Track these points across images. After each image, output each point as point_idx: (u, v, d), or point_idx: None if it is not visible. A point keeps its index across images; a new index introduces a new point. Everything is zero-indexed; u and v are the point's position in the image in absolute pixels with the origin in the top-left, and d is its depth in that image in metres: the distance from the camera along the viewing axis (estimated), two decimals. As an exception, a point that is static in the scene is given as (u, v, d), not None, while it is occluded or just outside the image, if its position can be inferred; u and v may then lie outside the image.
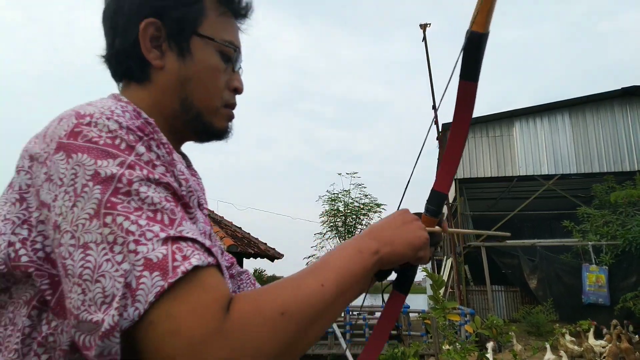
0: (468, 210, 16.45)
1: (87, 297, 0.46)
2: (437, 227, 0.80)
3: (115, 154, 0.52)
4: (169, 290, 0.45)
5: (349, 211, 16.65)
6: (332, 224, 17.00)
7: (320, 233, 18.56)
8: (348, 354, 8.98)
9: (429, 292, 7.24)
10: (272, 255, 12.12)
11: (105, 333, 0.44)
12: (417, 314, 10.82)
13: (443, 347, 4.43)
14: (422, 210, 0.81)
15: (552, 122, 15.25)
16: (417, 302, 24.00)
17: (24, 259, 0.52)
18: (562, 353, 6.75)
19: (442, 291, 2.88)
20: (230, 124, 0.79)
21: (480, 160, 15.55)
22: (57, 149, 0.53)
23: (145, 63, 0.70)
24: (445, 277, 16.90)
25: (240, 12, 0.78)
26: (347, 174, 16.14)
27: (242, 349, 0.45)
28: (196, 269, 0.47)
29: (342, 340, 9.47)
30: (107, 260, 0.46)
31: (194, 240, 0.50)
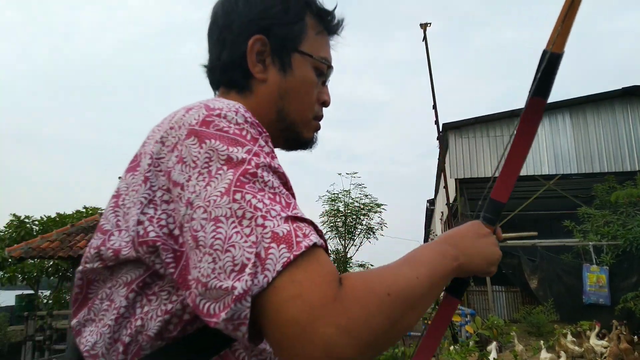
0: (469, 211, 16.41)
1: (217, 266, 0.49)
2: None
3: (243, 142, 0.58)
4: (293, 261, 0.49)
5: (349, 211, 16.62)
6: (332, 224, 16.95)
7: (321, 233, 18.45)
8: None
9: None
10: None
11: (238, 297, 0.47)
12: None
13: (450, 347, 4.41)
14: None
15: (552, 121, 15.20)
16: (417, 302, 23.89)
17: (152, 234, 0.57)
18: (561, 353, 6.74)
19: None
20: (316, 134, 0.86)
21: (480, 160, 15.51)
22: (188, 135, 0.58)
23: (249, 75, 0.78)
24: (445, 277, 16.83)
25: (334, 30, 0.86)
26: (347, 174, 16.08)
27: (355, 319, 0.48)
28: (314, 246, 0.52)
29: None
30: (237, 232, 0.50)
31: (309, 222, 0.56)
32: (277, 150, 0.85)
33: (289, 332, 0.47)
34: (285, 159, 0.77)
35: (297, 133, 0.83)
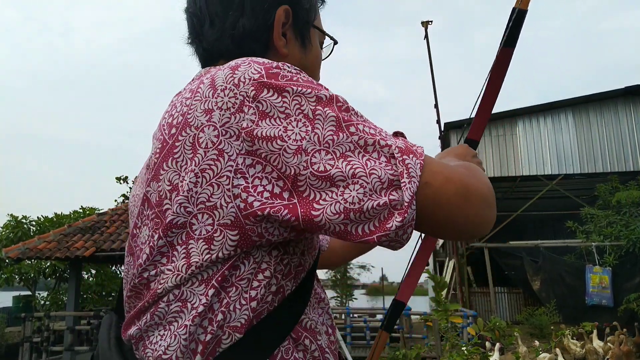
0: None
1: (366, 190, 0.52)
2: None
3: (317, 84, 0.59)
4: (424, 163, 0.56)
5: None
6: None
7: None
8: (348, 356, 8.88)
9: (431, 293, 7.12)
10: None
11: (410, 202, 0.52)
12: (418, 316, 10.71)
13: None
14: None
15: (555, 121, 15.12)
16: (419, 304, 23.90)
17: (256, 204, 0.55)
18: (557, 351, 6.68)
19: (444, 293, 2.77)
20: None
21: (483, 159, 15.03)
22: (259, 89, 0.56)
23: (269, 48, 0.73)
24: (447, 279, 16.79)
25: (324, 1, 0.84)
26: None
27: (478, 191, 0.58)
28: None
29: (342, 343, 9.37)
30: (369, 159, 0.54)
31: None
32: None
33: (453, 206, 0.55)
34: None
35: None
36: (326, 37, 0.84)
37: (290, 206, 0.54)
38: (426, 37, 14.36)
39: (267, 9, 0.72)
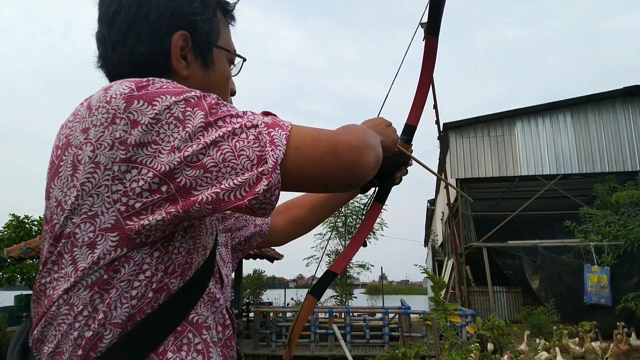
0: (469, 211, 16.37)
1: (238, 169, 0.60)
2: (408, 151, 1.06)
3: (186, 89, 0.64)
4: (290, 133, 0.64)
5: (349, 211, 16.61)
6: (332, 224, 16.94)
7: (320, 234, 18.49)
8: (348, 354, 8.93)
9: (430, 293, 7.17)
10: (272, 256, 12.07)
11: (274, 167, 0.60)
12: (418, 315, 10.76)
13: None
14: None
15: (553, 121, 15.17)
16: (418, 303, 23.94)
17: (137, 205, 0.61)
18: (557, 350, 6.72)
19: (443, 292, 2.82)
20: None
21: (481, 160, 15.47)
22: (129, 102, 0.60)
23: (167, 71, 0.76)
24: (446, 278, 16.83)
25: (233, 18, 0.88)
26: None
27: (346, 142, 0.67)
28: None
29: (342, 342, 9.42)
30: (237, 141, 0.61)
31: (272, 114, 0.70)
32: None
33: (325, 161, 0.65)
34: None
35: None
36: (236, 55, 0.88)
37: (170, 197, 0.61)
38: (425, 38, 14.40)
39: (163, 35, 0.75)
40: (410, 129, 1.07)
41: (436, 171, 1.26)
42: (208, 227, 0.75)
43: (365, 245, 1.08)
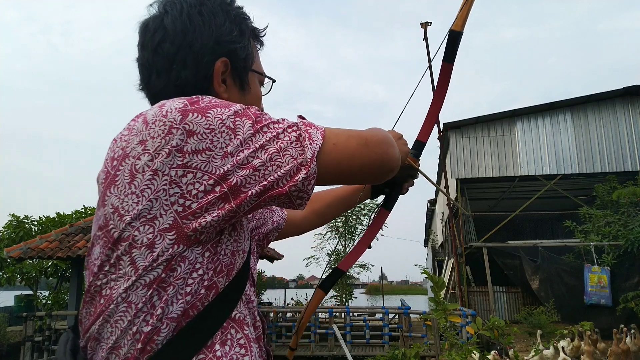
0: (469, 211, 16.37)
1: (282, 164, 0.68)
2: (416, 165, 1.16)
3: (231, 103, 0.71)
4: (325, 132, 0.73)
5: (349, 212, 16.59)
6: (332, 224, 16.94)
7: (321, 234, 18.49)
8: (348, 354, 8.93)
9: (430, 293, 7.16)
10: (272, 256, 12.07)
11: (312, 158, 0.68)
12: (418, 315, 10.76)
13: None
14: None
15: (554, 121, 15.16)
16: (418, 303, 23.92)
17: (193, 205, 0.67)
18: (560, 348, 6.71)
19: (442, 292, 2.82)
20: None
21: (481, 160, 15.46)
22: (184, 114, 0.67)
23: (211, 94, 0.81)
24: (446, 278, 16.82)
25: (262, 42, 0.96)
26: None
27: (375, 137, 0.77)
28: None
29: (342, 342, 9.41)
30: (281, 143, 0.69)
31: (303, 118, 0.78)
32: None
33: (360, 153, 0.74)
34: None
35: None
36: (265, 77, 0.97)
37: (223, 196, 0.67)
38: (425, 38, 14.42)
39: (207, 62, 0.82)
40: (420, 144, 1.18)
41: (437, 170, 1.33)
42: (246, 232, 0.82)
43: (369, 247, 1.17)
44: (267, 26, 0.96)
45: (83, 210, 16.09)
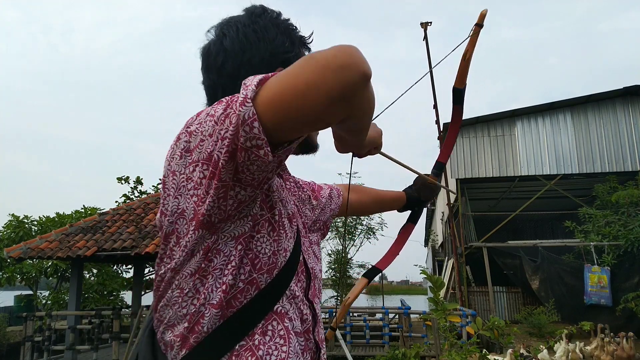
0: (469, 211, 16.37)
1: (230, 121, 0.67)
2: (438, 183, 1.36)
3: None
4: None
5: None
6: (332, 224, 16.94)
7: (321, 233, 18.41)
8: (348, 354, 8.93)
9: (430, 293, 7.15)
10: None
11: (242, 101, 0.66)
12: (418, 315, 10.75)
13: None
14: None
15: (553, 121, 15.16)
16: (418, 303, 23.91)
17: (201, 192, 0.74)
18: (561, 349, 6.70)
19: (442, 292, 2.82)
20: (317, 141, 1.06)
21: (481, 160, 15.46)
22: (187, 124, 0.77)
23: None
24: (446, 278, 16.83)
25: (309, 49, 1.02)
26: (347, 173, 16.07)
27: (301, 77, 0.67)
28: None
29: (342, 342, 9.41)
30: (230, 107, 0.69)
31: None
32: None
33: (310, 67, 0.65)
34: (289, 160, 0.99)
35: (309, 142, 1.03)
36: None
37: (210, 175, 0.72)
38: (425, 38, 14.41)
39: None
40: (440, 165, 1.38)
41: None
42: (288, 232, 0.87)
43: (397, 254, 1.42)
44: (312, 33, 1.03)
45: (83, 210, 16.06)
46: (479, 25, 1.23)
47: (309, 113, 0.66)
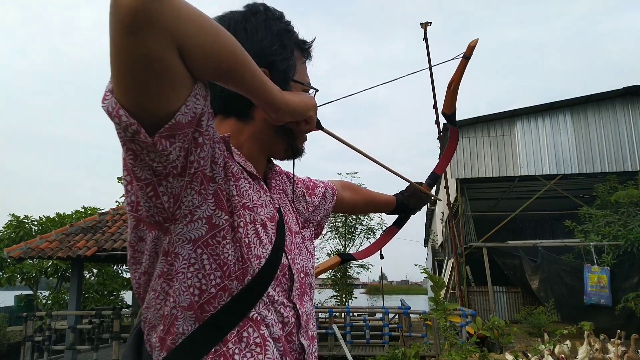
0: (469, 211, 16.38)
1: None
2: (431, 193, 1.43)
3: None
4: None
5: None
6: (332, 224, 16.94)
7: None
8: (348, 354, 8.93)
9: (430, 293, 7.16)
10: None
11: (106, 92, 0.65)
12: (418, 315, 10.76)
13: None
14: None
15: (553, 121, 15.16)
16: (418, 303, 23.92)
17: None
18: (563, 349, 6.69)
19: (442, 292, 2.82)
20: (304, 145, 1.03)
21: (481, 160, 15.47)
22: None
23: (251, 104, 0.87)
24: (446, 278, 16.83)
25: (310, 55, 1.02)
26: (347, 173, 16.05)
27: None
28: None
29: (342, 342, 9.42)
30: None
31: None
32: (275, 161, 1.05)
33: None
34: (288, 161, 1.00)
35: (294, 146, 1.00)
36: (310, 86, 1.01)
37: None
38: (425, 38, 14.42)
39: None
40: (435, 176, 1.45)
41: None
42: (263, 238, 0.85)
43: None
44: (314, 39, 1.02)
45: (83, 210, 16.07)
46: (466, 58, 1.22)
47: (138, 73, 0.61)
